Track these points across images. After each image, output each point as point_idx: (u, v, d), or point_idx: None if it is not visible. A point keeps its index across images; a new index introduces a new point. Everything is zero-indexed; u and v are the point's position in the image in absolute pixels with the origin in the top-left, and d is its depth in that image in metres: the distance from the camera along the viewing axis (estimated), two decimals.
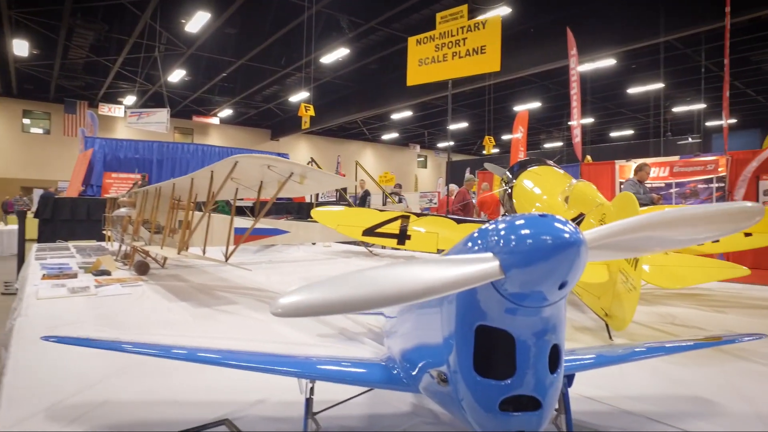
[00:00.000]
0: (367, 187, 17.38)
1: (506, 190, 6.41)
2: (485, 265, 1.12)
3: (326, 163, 27.32)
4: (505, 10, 13.62)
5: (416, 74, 8.09)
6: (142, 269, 6.47)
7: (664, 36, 13.71)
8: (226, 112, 28.40)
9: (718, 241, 5.22)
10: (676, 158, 12.95)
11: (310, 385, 1.81)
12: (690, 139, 21.13)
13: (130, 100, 24.72)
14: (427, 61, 7.79)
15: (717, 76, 17.41)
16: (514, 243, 1.14)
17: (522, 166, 6.36)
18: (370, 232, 5.65)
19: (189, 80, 22.99)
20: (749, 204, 1.24)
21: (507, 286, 1.17)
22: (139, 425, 2.24)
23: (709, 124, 23.91)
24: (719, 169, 11.35)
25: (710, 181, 11.45)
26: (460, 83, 16.91)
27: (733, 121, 21.98)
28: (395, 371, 1.75)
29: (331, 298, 1.02)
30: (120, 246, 8.39)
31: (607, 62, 17.37)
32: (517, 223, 1.19)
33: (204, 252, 5.24)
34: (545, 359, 1.29)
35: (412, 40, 8.24)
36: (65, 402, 2.44)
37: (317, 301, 1.02)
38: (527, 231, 1.14)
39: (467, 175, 9.04)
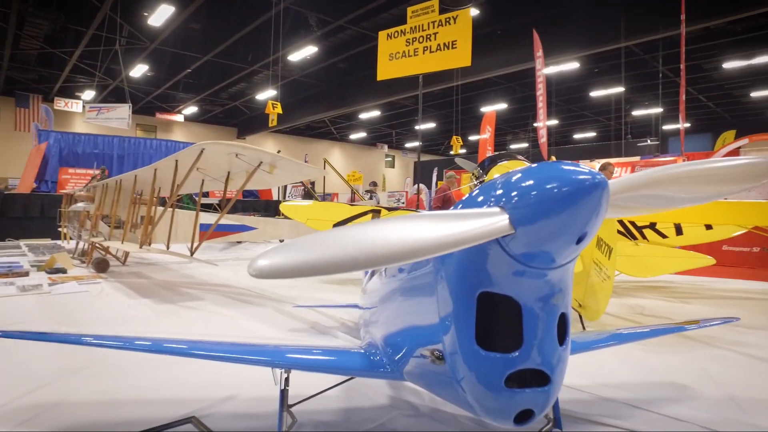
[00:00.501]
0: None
1: (477, 185, 6.42)
2: (491, 219, 0.98)
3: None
4: (473, 12, 13.72)
5: (387, 69, 8.02)
6: (101, 266, 6.16)
7: (625, 42, 14.10)
8: (191, 110, 27.68)
9: (681, 234, 5.35)
10: (637, 159, 13.35)
11: (284, 375, 1.68)
12: (649, 141, 21.88)
13: (89, 95, 23.74)
14: (397, 56, 7.74)
15: (673, 82, 18.04)
16: (524, 193, 1.01)
17: (492, 161, 6.37)
18: (340, 226, 5.55)
19: (152, 76, 22.27)
20: (760, 159, 1.15)
21: (516, 245, 1.04)
22: (97, 426, 2.07)
23: (665, 127, 24.76)
24: None
25: None
26: (428, 83, 16.95)
27: (687, 125, 22.82)
28: (377, 357, 1.63)
29: (316, 257, 0.88)
30: (77, 243, 7.99)
31: (571, 65, 17.73)
32: (526, 171, 1.06)
33: (168, 247, 5.02)
34: (554, 329, 1.16)
35: (382, 35, 8.17)
36: (14, 403, 2.25)
37: (299, 262, 0.87)
38: (539, 178, 1.01)
39: (448, 172, 8.95)
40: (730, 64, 17.32)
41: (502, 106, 24.78)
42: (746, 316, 4.65)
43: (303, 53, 19.02)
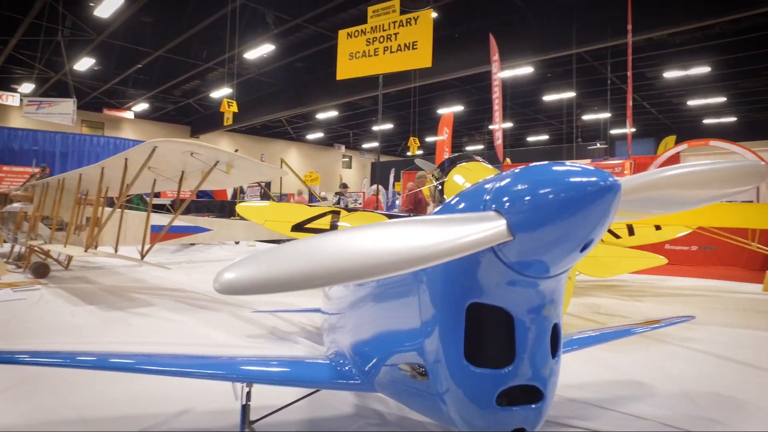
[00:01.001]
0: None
1: (437, 186, 6.43)
2: (487, 225, 0.88)
3: None
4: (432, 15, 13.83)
5: (346, 68, 7.92)
6: (41, 271, 5.77)
7: (576, 48, 14.59)
8: (142, 106, 26.59)
9: (633, 234, 5.54)
10: (588, 161, 13.83)
11: (246, 389, 1.58)
12: (598, 145, 22.75)
13: (27, 87, 22.35)
14: (357, 55, 7.66)
15: (620, 89, 18.79)
16: (526, 195, 0.91)
17: (452, 162, 6.39)
18: (299, 227, 5.41)
19: (99, 70, 21.22)
20: (754, 162, 1.15)
21: (513, 252, 0.94)
22: None
23: (613, 131, 25.76)
24: (624, 172, 12.21)
25: None
26: (386, 84, 16.97)
27: (633, 130, 23.90)
28: (346, 368, 1.52)
29: (293, 270, 0.77)
30: (12, 246, 7.47)
31: (526, 70, 18.16)
32: (527, 171, 0.97)
33: (116, 250, 4.75)
34: (547, 342, 1.07)
35: (342, 34, 8.06)
36: None
37: (273, 275, 0.77)
38: (543, 179, 0.91)
39: (420, 171, 8.82)
40: (670, 74, 18.26)
41: (458, 108, 25.13)
42: (693, 312, 4.86)
43: (260, 51, 18.65)
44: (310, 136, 35.56)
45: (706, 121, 25.14)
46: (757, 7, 11.15)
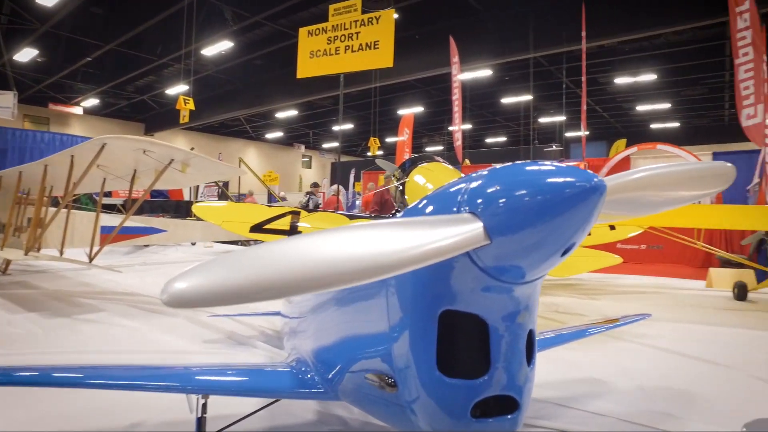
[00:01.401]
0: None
1: (398, 186, 6.42)
2: (463, 228, 0.82)
3: None
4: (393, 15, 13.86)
5: (307, 67, 7.81)
6: None
7: (533, 53, 14.96)
8: (92, 102, 25.41)
9: (589, 234, 5.69)
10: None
11: (202, 401, 1.47)
12: (554, 147, 23.42)
13: None
14: (318, 54, 7.55)
15: (574, 93, 19.41)
16: (503, 198, 0.85)
17: (413, 163, 6.39)
18: (258, 228, 5.29)
19: (44, 62, 20.10)
20: (728, 165, 1.15)
21: (489, 257, 0.89)
22: None
23: (568, 134, 26.58)
24: None
25: None
26: (347, 84, 16.95)
27: (587, 133, 24.78)
28: (308, 375, 1.45)
29: (254, 279, 0.69)
30: None
31: (485, 72, 18.46)
32: (506, 171, 0.91)
33: (62, 253, 4.48)
34: (523, 349, 1.03)
35: (303, 31, 7.94)
36: None
37: (231, 285, 0.68)
38: (523, 179, 0.86)
39: (387, 171, 8.62)
40: (620, 80, 19.04)
41: (419, 109, 25.31)
42: (646, 309, 5.03)
43: (217, 48, 18.19)
44: (270, 136, 35.02)
45: (653, 125, 26.34)
46: (697, 21, 11.89)
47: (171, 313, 4.31)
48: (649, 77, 18.39)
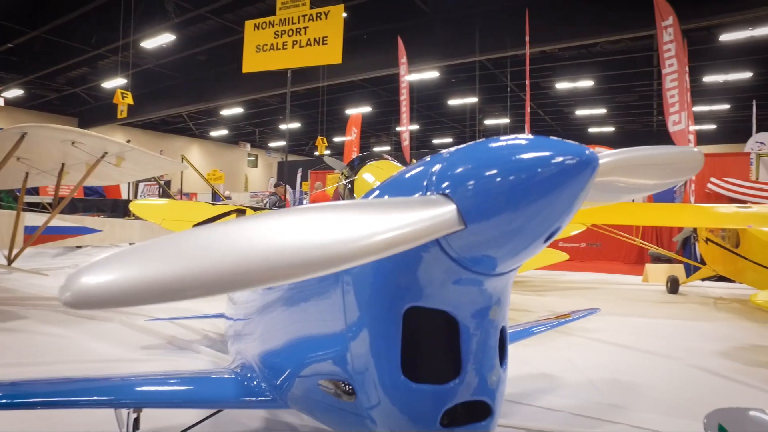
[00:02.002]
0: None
1: (346, 184, 6.34)
2: (434, 211, 0.70)
3: None
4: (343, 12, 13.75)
5: (253, 61, 7.55)
6: None
7: (478, 56, 15.28)
8: (15, 93, 23.61)
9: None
10: None
11: (134, 415, 1.31)
12: None
13: None
14: (265, 48, 7.32)
15: (518, 96, 20.01)
16: (480, 177, 0.73)
17: (362, 161, 6.34)
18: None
19: None
20: (695, 150, 1.16)
21: (461, 245, 0.77)
22: None
23: None
24: None
25: None
26: (294, 82, 16.71)
27: (530, 135, 25.68)
28: (254, 382, 1.32)
29: (174, 272, 0.54)
30: None
31: (432, 74, 18.67)
32: (481, 147, 0.79)
33: None
34: (495, 348, 0.92)
35: (249, 24, 7.67)
36: None
37: (145, 280, 0.53)
38: (503, 154, 0.74)
39: (337, 169, 8.20)
40: (561, 85, 19.84)
41: (367, 109, 25.32)
42: (589, 303, 5.20)
43: (158, 41, 17.39)
44: (214, 133, 33.98)
45: (591, 129, 27.64)
46: (629, 32, 12.63)
47: (104, 318, 4.01)
48: (586, 83, 19.28)
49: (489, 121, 27.34)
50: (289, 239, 0.60)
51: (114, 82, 20.12)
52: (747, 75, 17.11)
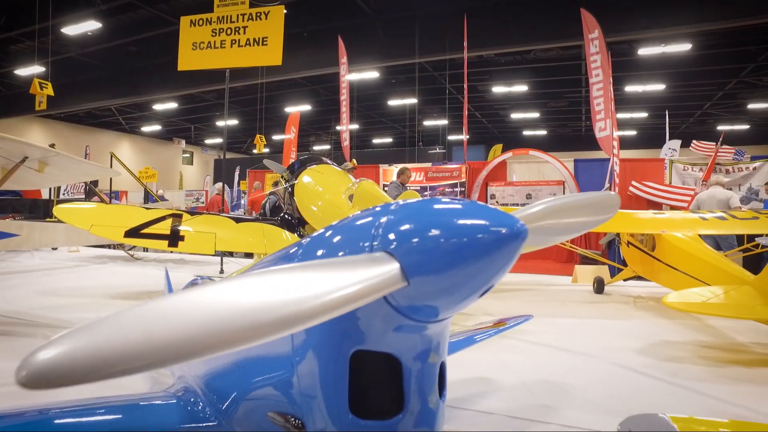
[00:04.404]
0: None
1: (287, 188, 6.28)
2: (380, 270, 0.76)
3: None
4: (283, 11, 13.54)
5: (189, 59, 7.28)
6: None
7: (418, 58, 15.55)
8: None
9: None
10: (428, 165, 14.84)
11: None
12: (438, 149, 24.61)
13: None
14: (202, 46, 7.08)
15: (456, 99, 20.54)
16: (424, 237, 0.81)
17: (303, 164, 6.29)
18: (134, 233, 4.82)
19: None
20: (613, 194, 1.29)
21: (404, 297, 0.84)
22: None
23: (450, 137, 28.06)
24: (462, 176, 13.33)
25: (455, 185, 13.34)
26: (232, 79, 16.33)
27: (468, 137, 26.57)
28: (198, 406, 1.27)
29: (136, 342, 0.56)
30: None
31: (372, 74, 18.77)
32: (425, 208, 0.87)
33: None
34: (435, 384, 1.01)
35: (185, 20, 7.39)
36: None
37: (110, 351, 0.55)
38: (444, 220, 0.83)
39: (276, 172, 7.77)
40: (497, 89, 20.57)
41: (306, 107, 25.07)
42: (522, 305, 5.47)
43: (82, 27, 16.27)
44: (146, 129, 32.36)
45: (525, 132, 28.82)
46: (560, 41, 13.36)
47: (24, 333, 3.76)
48: (521, 88, 20.08)
49: (428, 122, 27.84)
50: (256, 302, 0.64)
51: (30, 70, 18.63)
52: (661, 87, 18.53)
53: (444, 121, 25.87)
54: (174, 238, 4.79)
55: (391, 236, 0.84)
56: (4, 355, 3.24)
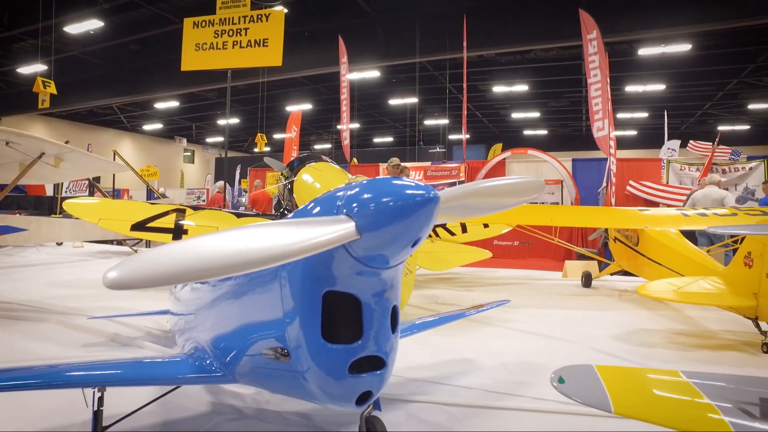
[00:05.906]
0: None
1: (286, 184, 6.48)
2: (340, 226, 1.11)
3: None
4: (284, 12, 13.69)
5: (192, 59, 7.50)
6: None
7: (419, 57, 15.72)
8: None
9: (466, 232, 6.25)
10: (428, 164, 15.03)
11: (98, 393, 1.51)
12: (438, 148, 24.76)
13: None
14: (204, 47, 7.30)
15: (457, 98, 20.71)
16: (370, 203, 1.17)
17: (302, 162, 6.50)
18: (140, 226, 5.05)
19: None
20: (535, 179, 1.53)
21: (360, 248, 1.19)
22: None
23: (451, 137, 28.25)
24: (460, 175, 13.54)
25: (454, 184, 13.56)
26: (233, 78, 16.50)
27: (467, 136, 26.76)
28: (206, 362, 1.61)
29: (172, 267, 0.92)
30: None
31: (373, 74, 18.95)
32: (371, 184, 1.24)
33: None
34: (388, 320, 1.36)
35: (188, 22, 7.61)
36: None
37: (153, 271, 0.91)
38: (383, 191, 1.18)
39: (277, 170, 7.94)
40: (498, 89, 20.69)
41: (307, 106, 25.22)
42: (510, 297, 5.66)
43: (84, 26, 16.41)
44: (148, 127, 32.49)
45: (526, 132, 28.90)
46: (560, 42, 13.46)
47: (40, 318, 3.99)
48: (521, 88, 20.19)
49: (428, 122, 27.96)
50: (248, 245, 0.99)
51: (32, 68, 18.76)
52: (661, 87, 18.66)
53: (444, 121, 26.01)
54: (178, 232, 5.01)
55: (349, 203, 1.21)
56: (20, 336, 3.47)
